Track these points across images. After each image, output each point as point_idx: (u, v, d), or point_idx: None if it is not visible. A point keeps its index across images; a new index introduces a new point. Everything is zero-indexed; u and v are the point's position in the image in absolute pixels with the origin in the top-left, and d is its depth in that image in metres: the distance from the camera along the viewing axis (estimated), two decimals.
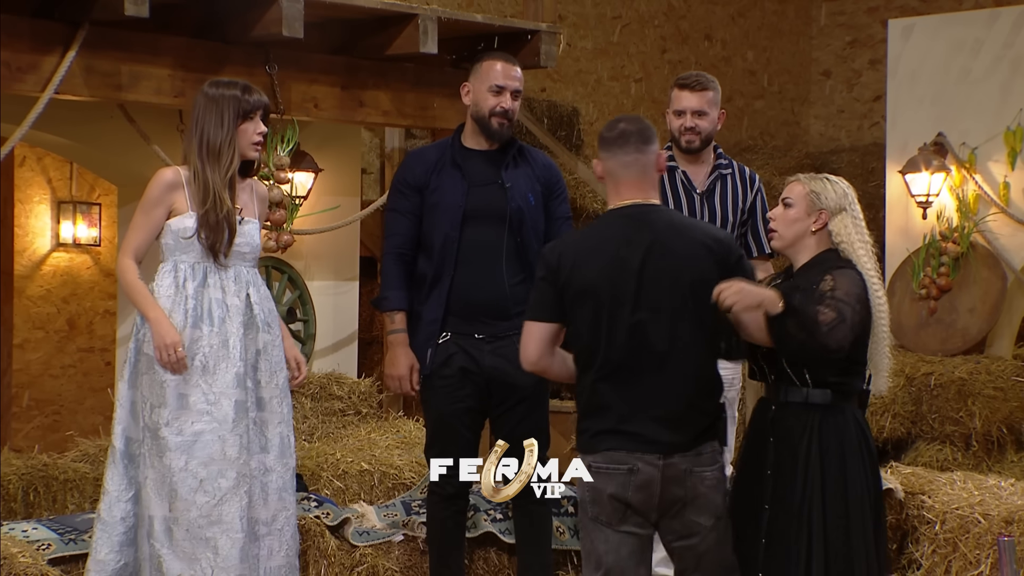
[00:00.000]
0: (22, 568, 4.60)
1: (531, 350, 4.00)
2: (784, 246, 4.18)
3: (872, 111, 12.07)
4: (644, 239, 3.93)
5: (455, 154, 4.88)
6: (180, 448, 4.36)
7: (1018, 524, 5.43)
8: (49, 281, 9.47)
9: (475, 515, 5.38)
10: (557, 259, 3.96)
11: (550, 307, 3.97)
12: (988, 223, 8.45)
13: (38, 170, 9.37)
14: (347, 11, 6.63)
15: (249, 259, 4.56)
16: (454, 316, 4.82)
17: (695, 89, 5.05)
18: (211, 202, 4.43)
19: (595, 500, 3.94)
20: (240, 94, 4.50)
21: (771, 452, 4.07)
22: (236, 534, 4.38)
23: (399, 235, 4.88)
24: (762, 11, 12.24)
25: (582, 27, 10.88)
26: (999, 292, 8.36)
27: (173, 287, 4.46)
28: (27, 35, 5.96)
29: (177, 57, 6.38)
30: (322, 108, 6.94)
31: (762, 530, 4.04)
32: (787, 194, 4.17)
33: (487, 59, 4.91)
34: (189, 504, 4.37)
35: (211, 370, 4.42)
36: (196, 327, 4.44)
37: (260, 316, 4.53)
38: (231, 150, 4.46)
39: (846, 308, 3.94)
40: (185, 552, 4.37)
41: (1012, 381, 8.05)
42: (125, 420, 4.49)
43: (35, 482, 6.12)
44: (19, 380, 9.27)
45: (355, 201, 7.77)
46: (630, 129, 4.00)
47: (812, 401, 4.04)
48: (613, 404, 3.93)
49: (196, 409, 4.39)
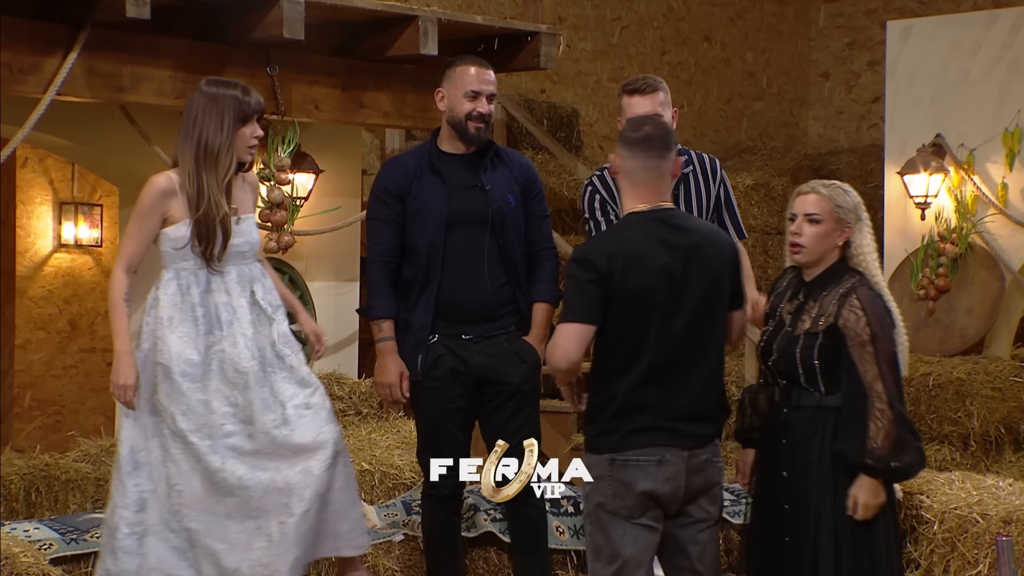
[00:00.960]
0: (24, 568, 4.61)
1: (574, 351, 3.97)
2: (811, 260, 4.15)
3: (871, 112, 12.09)
4: (682, 243, 4.00)
5: (433, 159, 4.86)
6: (213, 451, 4.37)
7: (1016, 524, 5.44)
8: (51, 282, 9.49)
9: (475, 515, 5.40)
10: (608, 262, 3.95)
11: (595, 309, 3.96)
12: (986, 224, 8.46)
13: (40, 171, 9.39)
14: (348, 13, 6.64)
15: (249, 256, 4.52)
16: (442, 320, 4.83)
17: (645, 93, 4.80)
18: (205, 208, 4.36)
19: (618, 494, 3.98)
20: (240, 96, 4.43)
21: (784, 454, 4.13)
22: (288, 519, 4.38)
23: (383, 243, 4.87)
24: (761, 13, 12.26)
25: (582, 29, 10.90)
26: (997, 293, 8.38)
27: (178, 295, 4.43)
28: (29, 37, 5.98)
29: (178, 59, 6.40)
30: (323, 109, 6.96)
31: (785, 529, 4.10)
32: (812, 208, 4.13)
33: (460, 64, 4.88)
34: (237, 500, 4.38)
35: (229, 373, 4.41)
36: (210, 333, 4.42)
37: (268, 310, 4.51)
38: (230, 154, 4.40)
39: (894, 413, 3.98)
40: (239, 543, 4.39)
41: (1010, 381, 8.06)
42: (130, 429, 4.47)
43: (37, 482, 6.13)
44: (21, 380, 9.29)
45: (356, 202, 7.79)
46: (655, 134, 4.05)
47: (825, 405, 4.08)
48: (653, 404, 3.98)
49: (221, 412, 4.39)
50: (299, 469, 4.41)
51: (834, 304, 4.06)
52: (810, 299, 4.13)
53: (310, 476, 4.41)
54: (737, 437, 4.38)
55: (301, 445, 4.42)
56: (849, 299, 4.05)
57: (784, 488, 4.11)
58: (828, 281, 4.12)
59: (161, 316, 4.42)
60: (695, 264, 4.00)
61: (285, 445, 4.41)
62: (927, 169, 8.49)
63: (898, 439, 3.98)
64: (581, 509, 5.51)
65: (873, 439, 3.96)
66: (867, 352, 4.00)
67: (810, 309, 4.12)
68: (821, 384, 4.08)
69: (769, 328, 4.22)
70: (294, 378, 4.48)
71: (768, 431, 4.21)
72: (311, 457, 4.42)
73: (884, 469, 3.98)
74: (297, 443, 4.41)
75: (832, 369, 4.06)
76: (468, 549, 5.39)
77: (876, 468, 3.98)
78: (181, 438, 4.39)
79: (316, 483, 4.42)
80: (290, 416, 4.42)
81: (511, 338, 4.87)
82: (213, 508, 4.39)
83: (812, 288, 4.14)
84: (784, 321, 4.17)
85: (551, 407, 8.05)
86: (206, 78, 4.58)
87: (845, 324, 4.03)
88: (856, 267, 4.13)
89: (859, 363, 4.00)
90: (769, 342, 4.18)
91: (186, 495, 4.40)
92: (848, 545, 4.03)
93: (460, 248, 4.82)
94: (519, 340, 4.88)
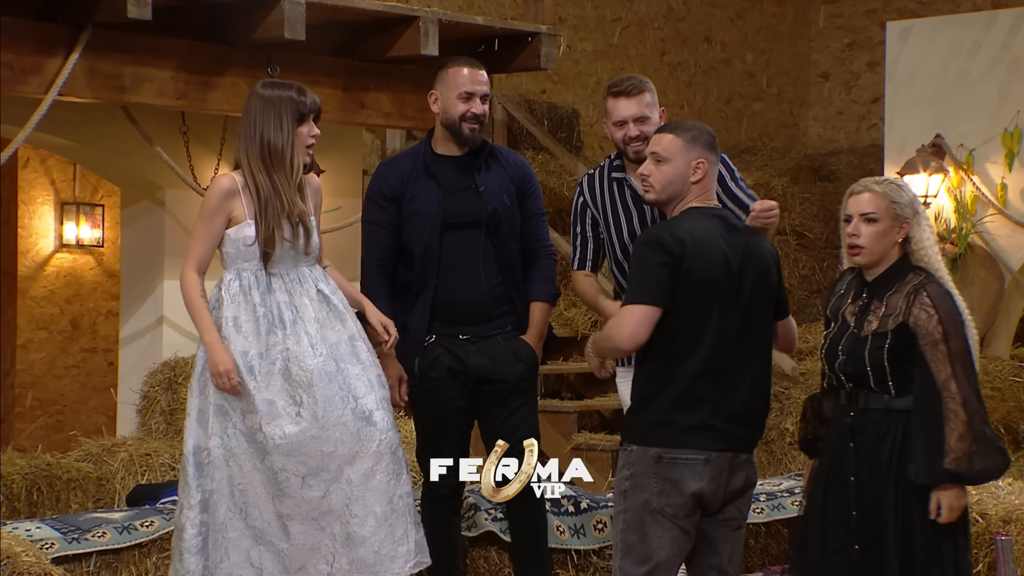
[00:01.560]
0: (25, 567, 4.61)
1: (642, 333, 3.92)
2: (871, 261, 4.01)
3: (870, 113, 12.11)
4: (739, 241, 4.01)
5: (428, 162, 4.84)
6: (276, 450, 4.35)
7: (1016, 523, 5.45)
8: (52, 282, 9.51)
9: (475, 514, 5.41)
10: (681, 246, 3.93)
11: (664, 292, 3.92)
12: (986, 224, 8.48)
13: (41, 171, 9.41)
14: (348, 13, 6.66)
15: (310, 258, 4.51)
16: (439, 321, 4.83)
17: (631, 94, 4.65)
18: (285, 206, 4.37)
19: (664, 492, 3.95)
20: (296, 96, 4.43)
21: (852, 458, 3.98)
22: (351, 519, 4.38)
23: (379, 247, 4.86)
24: (761, 13, 12.28)
25: (582, 29, 10.92)
26: (997, 292, 8.40)
27: (241, 295, 4.42)
28: (30, 37, 6.00)
29: (180, 59, 6.42)
30: (324, 110, 6.94)
31: (853, 537, 3.96)
32: (867, 208, 3.99)
33: (452, 66, 4.85)
34: (299, 500, 4.37)
35: (292, 373, 4.39)
36: (271, 333, 4.40)
37: (339, 306, 4.50)
38: (294, 153, 4.40)
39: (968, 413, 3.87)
40: (304, 544, 4.38)
41: (1009, 381, 8.09)
42: (193, 429, 4.46)
43: (38, 481, 6.15)
44: (23, 380, 9.31)
45: (356, 202, 7.80)
46: (712, 138, 4.09)
47: (895, 407, 3.95)
48: (708, 399, 3.96)
49: (286, 412, 4.37)
50: (362, 471, 4.40)
51: (903, 303, 3.93)
52: (875, 299, 3.99)
53: (372, 480, 4.40)
54: (802, 448, 4.25)
55: (365, 449, 4.41)
56: (919, 297, 3.92)
57: (851, 494, 3.97)
58: (892, 279, 3.99)
59: (225, 316, 4.41)
60: (750, 264, 4.01)
61: (348, 445, 4.39)
62: (926, 169, 8.50)
63: (975, 440, 3.84)
64: (581, 508, 5.55)
65: (947, 442, 3.83)
66: (940, 351, 3.87)
67: (876, 309, 3.97)
68: (891, 386, 3.95)
69: (832, 331, 4.08)
70: (366, 377, 4.47)
71: (832, 436, 4.06)
72: (377, 461, 4.41)
73: (961, 472, 3.83)
74: (362, 446, 4.41)
75: (903, 370, 3.92)
76: (468, 549, 5.40)
77: (953, 472, 3.82)
78: (245, 437, 4.39)
79: (379, 488, 4.41)
80: (358, 416, 4.41)
81: (508, 337, 4.86)
82: (276, 508, 4.39)
83: (876, 288, 4.01)
84: (848, 323, 4.02)
85: (551, 407, 8.07)
86: (261, 80, 4.57)
87: (916, 323, 3.89)
88: (918, 263, 4.01)
89: (932, 363, 3.87)
90: (834, 344, 4.03)
91: (249, 494, 4.40)
92: (923, 551, 3.89)
93: (456, 250, 4.81)
94: (516, 339, 4.87)
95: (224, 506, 4.44)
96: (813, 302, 10.12)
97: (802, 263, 10.31)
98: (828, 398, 4.12)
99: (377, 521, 4.42)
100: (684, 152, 4.04)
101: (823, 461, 4.08)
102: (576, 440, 7.84)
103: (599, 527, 5.54)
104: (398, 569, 4.47)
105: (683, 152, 4.04)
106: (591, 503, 5.58)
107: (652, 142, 4.11)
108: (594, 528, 5.54)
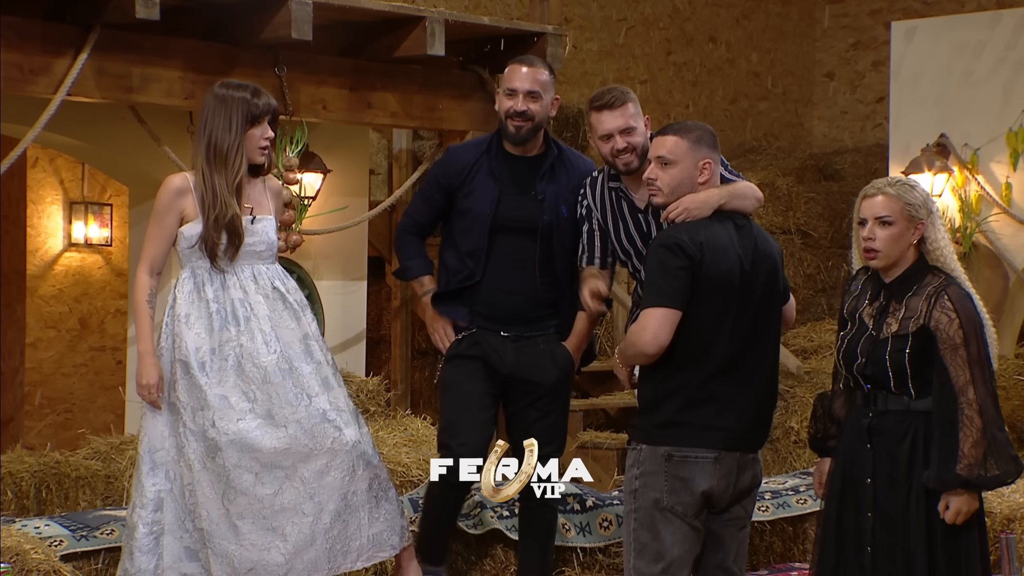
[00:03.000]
0: (34, 564, 4.63)
1: (664, 336, 3.93)
2: (889, 264, 3.98)
3: (875, 112, 12.12)
4: (748, 244, 4.04)
5: (492, 158, 4.84)
6: (230, 446, 4.36)
7: (1020, 521, 5.47)
8: (61, 281, 9.54)
9: (481, 512, 5.42)
10: (700, 250, 3.94)
11: (684, 296, 3.94)
12: (990, 223, 8.50)
13: (50, 171, 9.44)
14: (355, 13, 6.68)
15: (266, 256, 4.53)
16: (481, 316, 4.85)
17: (614, 107, 4.56)
18: (218, 207, 4.39)
19: (674, 490, 3.97)
20: (250, 97, 4.44)
21: (870, 460, 3.96)
22: (303, 518, 4.39)
23: (418, 219, 4.97)
24: (766, 13, 12.28)
25: (587, 29, 10.94)
26: (1001, 292, 8.41)
27: (194, 292, 4.45)
28: (39, 38, 6.03)
29: (187, 59, 6.44)
30: (330, 110, 7.00)
31: (867, 539, 3.94)
32: (881, 211, 3.95)
33: (511, 63, 4.88)
34: (251, 498, 4.38)
35: (246, 369, 4.42)
36: (224, 329, 4.43)
37: (295, 304, 4.52)
38: (239, 154, 4.41)
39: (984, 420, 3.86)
40: (254, 544, 4.38)
41: (1014, 380, 8.10)
42: (149, 427, 4.48)
43: (47, 479, 6.17)
44: (31, 378, 9.34)
45: (363, 202, 7.83)
46: (705, 132, 4.11)
47: (914, 409, 3.93)
48: (719, 399, 3.98)
49: (239, 408, 4.39)
50: (316, 469, 4.42)
51: (923, 305, 3.90)
52: (893, 301, 3.95)
53: (326, 478, 4.42)
54: (812, 446, 4.23)
55: (319, 446, 4.43)
56: (940, 300, 3.89)
57: (867, 496, 3.95)
58: (910, 281, 3.96)
59: (179, 313, 4.45)
60: (761, 265, 4.04)
61: (302, 443, 4.42)
62: (931, 169, 8.52)
63: (988, 447, 3.83)
64: (587, 506, 5.57)
65: (961, 447, 3.82)
66: (959, 356, 3.85)
67: (895, 311, 3.94)
68: (911, 388, 3.92)
69: (849, 332, 4.03)
70: (319, 375, 4.50)
71: (848, 437, 4.04)
72: (331, 458, 4.44)
73: (972, 479, 3.82)
74: (315, 443, 4.42)
75: (923, 372, 3.90)
76: (474, 546, 5.42)
77: (964, 479, 3.81)
78: (195, 436, 4.41)
79: (333, 485, 4.43)
80: (312, 414, 4.44)
81: (548, 340, 4.86)
82: (225, 507, 4.39)
83: (894, 289, 3.97)
84: (867, 325, 3.98)
85: None
86: (220, 81, 4.61)
87: (937, 326, 3.87)
88: (934, 263, 3.98)
89: (951, 367, 3.86)
90: (852, 346, 3.99)
91: (199, 494, 4.41)
92: (942, 553, 3.87)
93: (505, 253, 4.81)
94: (556, 343, 4.86)
95: (177, 506, 4.45)
96: (818, 301, 10.13)
97: (807, 262, 10.32)
98: (840, 397, 4.10)
99: (331, 518, 4.43)
100: (690, 153, 4.05)
101: (838, 463, 4.06)
102: (582, 438, 7.86)
103: (605, 525, 5.56)
104: (350, 564, 4.50)
105: (689, 153, 4.05)
106: (597, 501, 5.60)
107: (655, 145, 4.10)
108: (600, 526, 5.56)
